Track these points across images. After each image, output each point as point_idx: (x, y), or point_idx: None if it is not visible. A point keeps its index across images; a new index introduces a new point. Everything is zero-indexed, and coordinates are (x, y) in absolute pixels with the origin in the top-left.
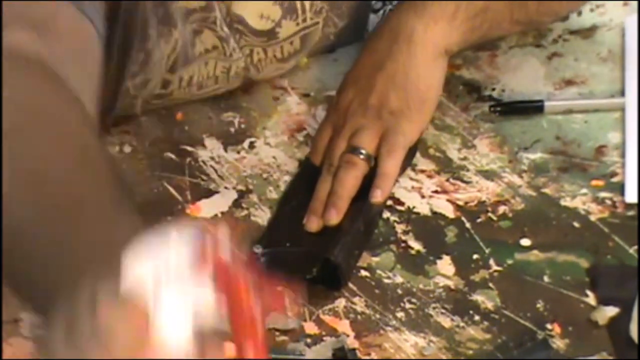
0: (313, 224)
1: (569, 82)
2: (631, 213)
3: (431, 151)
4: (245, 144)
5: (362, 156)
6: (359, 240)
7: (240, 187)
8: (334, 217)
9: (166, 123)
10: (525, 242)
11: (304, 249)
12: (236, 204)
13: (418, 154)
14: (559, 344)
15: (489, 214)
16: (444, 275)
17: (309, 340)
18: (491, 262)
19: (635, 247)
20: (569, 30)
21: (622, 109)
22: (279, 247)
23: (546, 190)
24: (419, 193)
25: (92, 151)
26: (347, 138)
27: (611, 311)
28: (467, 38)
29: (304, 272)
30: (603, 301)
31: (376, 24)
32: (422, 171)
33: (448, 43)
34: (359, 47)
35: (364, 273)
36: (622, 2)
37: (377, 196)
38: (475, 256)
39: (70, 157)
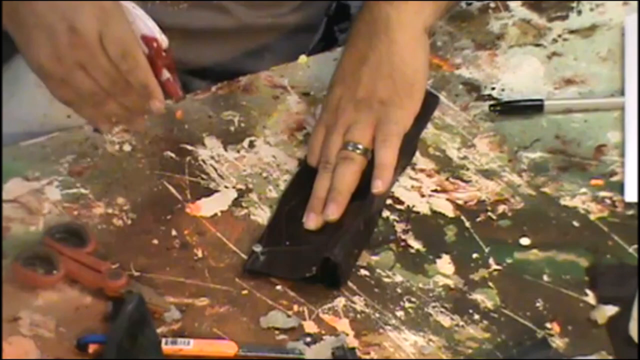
0: (312, 222)
1: (569, 82)
2: (631, 212)
3: (431, 150)
4: (245, 143)
5: (358, 151)
6: (358, 239)
7: (240, 186)
8: (335, 213)
9: (166, 122)
10: (525, 241)
11: (304, 248)
12: (236, 202)
13: (418, 153)
14: (558, 342)
15: (489, 213)
16: (443, 274)
17: (308, 339)
18: (491, 261)
19: (635, 246)
20: (569, 29)
21: (622, 108)
22: (279, 246)
23: (546, 190)
24: (418, 192)
25: None
26: (341, 135)
27: (610, 310)
28: (439, 6)
29: (303, 270)
30: (602, 300)
31: (351, 24)
32: (422, 170)
33: (424, 18)
34: None
35: (363, 272)
36: (622, 1)
37: (379, 186)
38: (474, 255)
39: None
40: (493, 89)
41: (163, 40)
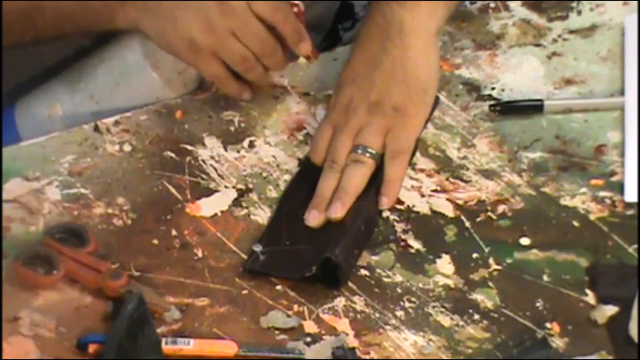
0: (314, 219)
1: (569, 82)
2: (630, 212)
3: (431, 150)
4: (245, 143)
5: (369, 155)
6: (359, 240)
7: (240, 186)
8: (339, 212)
9: (166, 122)
10: (525, 241)
11: (304, 248)
12: (236, 202)
13: (418, 153)
14: (558, 342)
15: (489, 213)
16: (443, 274)
17: (308, 339)
18: (491, 261)
19: (635, 246)
20: (569, 29)
21: (622, 108)
22: (279, 245)
23: (546, 190)
24: (418, 192)
25: None
26: (351, 136)
27: (610, 310)
28: (449, 7)
29: (303, 270)
30: (602, 300)
31: (360, 24)
32: (422, 170)
33: (436, 22)
34: None
35: (363, 272)
36: (622, 1)
37: (384, 204)
38: (474, 255)
39: None
40: (493, 89)
41: (300, 4)
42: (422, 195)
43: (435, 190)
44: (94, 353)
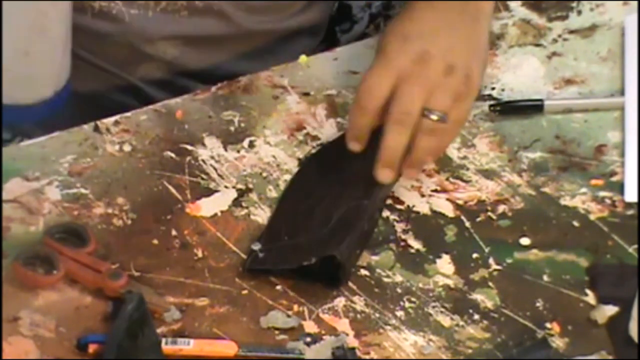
0: (388, 177)
1: (569, 82)
2: (631, 212)
3: None
4: (245, 143)
5: (442, 123)
6: (362, 239)
7: (240, 186)
8: (414, 177)
9: (166, 122)
10: (525, 241)
11: (303, 240)
12: (236, 202)
13: None
14: (558, 343)
15: (489, 213)
16: (443, 274)
17: (308, 339)
18: (491, 261)
19: (635, 246)
20: (569, 29)
21: (622, 108)
22: (278, 242)
23: (546, 190)
24: (418, 192)
25: None
26: (426, 89)
27: (610, 310)
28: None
29: (302, 259)
30: (602, 300)
31: None
32: (422, 170)
33: (490, 19)
34: (358, 47)
35: (363, 272)
36: (622, 1)
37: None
38: (474, 255)
39: None
40: (493, 89)
41: None
42: (422, 195)
43: (435, 190)
44: (94, 353)
